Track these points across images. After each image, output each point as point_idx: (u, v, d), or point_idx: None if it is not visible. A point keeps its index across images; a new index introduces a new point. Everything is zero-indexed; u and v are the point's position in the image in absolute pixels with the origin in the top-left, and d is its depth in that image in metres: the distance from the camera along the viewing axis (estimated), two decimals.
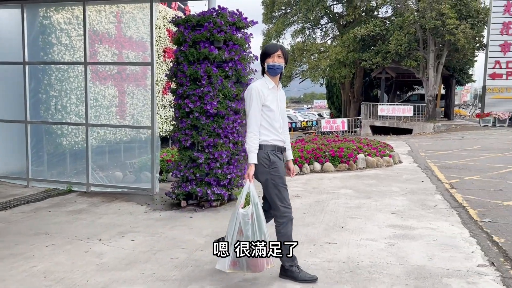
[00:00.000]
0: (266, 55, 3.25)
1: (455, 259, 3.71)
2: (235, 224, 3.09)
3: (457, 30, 18.72)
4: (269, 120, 3.25)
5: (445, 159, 9.83)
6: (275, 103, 3.28)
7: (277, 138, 3.28)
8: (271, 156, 3.22)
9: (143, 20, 7.81)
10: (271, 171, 3.21)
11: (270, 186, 3.22)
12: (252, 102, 3.20)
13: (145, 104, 8.12)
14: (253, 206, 3.06)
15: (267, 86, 3.27)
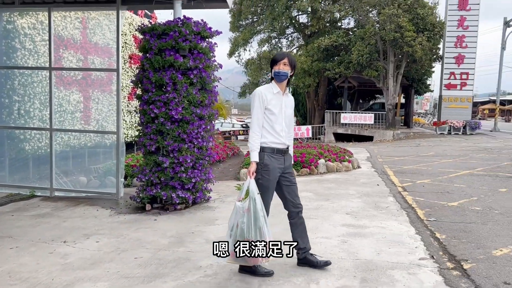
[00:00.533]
0: (274, 62, 3.50)
1: (400, 254, 4.06)
2: (235, 217, 3.33)
3: (415, 42, 19.68)
4: (270, 123, 3.47)
5: (400, 165, 10.38)
6: (278, 108, 3.49)
7: (276, 141, 3.49)
8: (266, 158, 3.45)
9: (109, 27, 7.89)
10: (263, 173, 3.45)
11: (258, 186, 3.41)
12: (254, 104, 3.45)
13: (110, 109, 8.18)
14: (251, 201, 3.27)
15: (272, 91, 3.50)
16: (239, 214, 3.29)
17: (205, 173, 6.17)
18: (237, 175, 8.69)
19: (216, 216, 5.54)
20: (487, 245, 4.27)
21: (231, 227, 3.35)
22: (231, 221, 3.37)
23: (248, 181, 3.36)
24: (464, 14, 23.60)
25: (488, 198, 6.42)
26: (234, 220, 3.35)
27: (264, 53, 26.65)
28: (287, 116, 3.58)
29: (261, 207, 3.31)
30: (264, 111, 3.45)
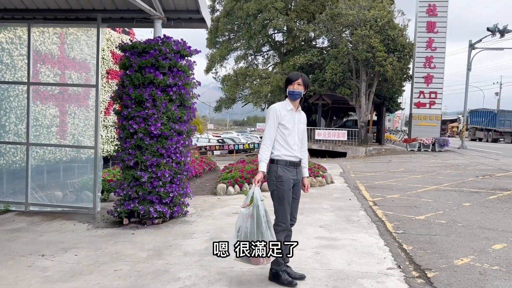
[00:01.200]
0: (289, 82, 3.78)
1: (369, 264, 4.29)
2: (240, 222, 3.56)
3: (386, 62, 20.46)
4: (284, 137, 3.71)
5: (372, 180, 10.74)
6: (291, 123, 3.74)
7: (289, 154, 3.71)
8: (279, 170, 3.67)
9: (87, 42, 7.98)
10: (277, 184, 3.68)
11: (274, 197, 3.70)
12: (269, 119, 3.72)
13: (86, 124, 8.22)
14: (254, 207, 3.50)
15: (286, 107, 3.76)
16: (244, 220, 3.52)
17: (182, 187, 6.29)
18: (214, 190, 8.81)
19: (193, 230, 5.66)
20: (449, 255, 4.55)
21: (238, 229, 3.56)
22: (237, 225, 3.59)
23: (253, 189, 3.57)
24: (432, 36, 24.68)
25: (452, 212, 6.78)
26: (239, 224, 3.57)
27: (240, 69, 27.05)
28: (300, 131, 3.84)
29: (264, 213, 3.52)
30: (277, 126, 3.70)
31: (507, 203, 7.45)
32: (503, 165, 14.24)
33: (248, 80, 26.32)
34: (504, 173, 11.97)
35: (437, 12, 24.71)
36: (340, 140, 22.81)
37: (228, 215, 6.54)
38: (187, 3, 6.21)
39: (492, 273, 4.02)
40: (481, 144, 32.30)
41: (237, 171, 9.28)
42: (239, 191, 8.76)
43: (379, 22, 21.13)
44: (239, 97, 28.13)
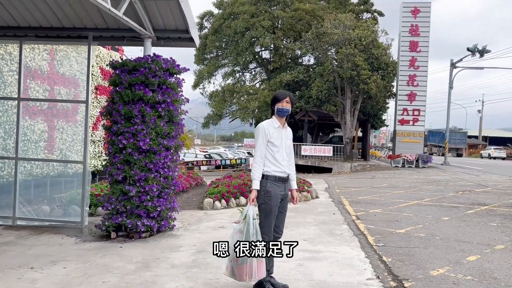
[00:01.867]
0: (277, 100, 3.95)
1: (350, 275, 4.47)
2: (233, 237, 3.75)
3: (370, 80, 20.99)
4: (273, 154, 3.88)
5: (356, 195, 10.99)
6: (279, 140, 3.92)
7: (278, 170, 3.89)
8: (268, 185, 3.83)
9: (76, 58, 8.14)
10: (265, 199, 3.84)
11: (261, 211, 3.84)
12: (258, 138, 3.89)
13: (74, 139, 8.32)
14: (245, 225, 3.69)
15: (273, 125, 3.94)
16: (237, 235, 3.71)
17: (170, 201, 6.42)
18: (200, 205, 8.94)
19: (180, 244, 5.78)
20: (426, 267, 4.76)
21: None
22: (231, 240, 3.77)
23: (247, 207, 3.76)
24: (415, 55, 25.40)
25: (431, 225, 7.02)
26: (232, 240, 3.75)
27: (227, 85, 27.40)
28: (287, 146, 4.03)
29: (254, 231, 3.68)
30: (266, 144, 3.87)
31: (483, 217, 7.73)
32: (482, 181, 14.65)
33: (235, 96, 26.65)
34: (483, 188, 12.35)
35: (420, 32, 25.50)
36: (326, 156, 23.15)
37: (215, 229, 6.68)
38: (176, 23, 6.44)
39: (465, 282, 4.23)
40: (462, 160, 33.00)
41: (223, 186, 9.43)
42: (225, 205, 8.90)
43: (363, 41, 21.73)
44: (226, 113, 28.39)
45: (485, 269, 4.67)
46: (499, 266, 4.79)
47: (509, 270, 4.64)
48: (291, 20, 25.34)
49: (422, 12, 25.65)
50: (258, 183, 3.83)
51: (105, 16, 6.45)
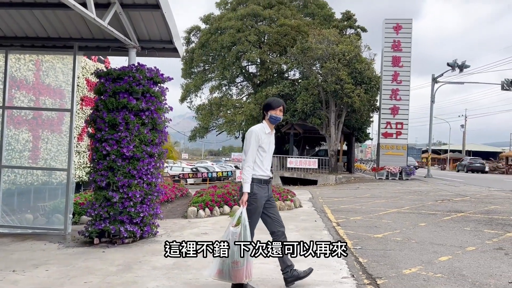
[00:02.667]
0: (270, 107, 4.08)
1: (326, 274, 4.63)
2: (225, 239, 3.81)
3: (353, 94, 21.44)
4: (262, 159, 4.05)
5: (338, 204, 11.19)
6: (267, 146, 4.09)
7: (264, 174, 4.05)
8: (255, 188, 3.97)
9: (62, 69, 8.27)
10: (251, 200, 3.97)
11: (248, 211, 3.93)
12: (251, 141, 3.98)
13: (59, 149, 8.38)
14: (242, 227, 3.79)
15: (264, 131, 4.07)
16: (233, 239, 3.78)
17: (153, 208, 6.53)
18: (184, 214, 9.03)
19: (162, 248, 5.83)
20: (399, 266, 4.95)
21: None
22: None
23: (240, 210, 3.87)
24: (398, 70, 26.01)
25: (409, 230, 7.23)
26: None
27: (214, 99, 27.64)
28: (271, 152, 4.20)
29: (249, 233, 3.82)
30: (257, 148, 4.01)
31: (459, 223, 7.99)
32: (462, 191, 15.01)
33: (222, 110, 26.88)
34: (461, 198, 12.67)
35: (402, 47, 26.16)
36: (311, 168, 23.39)
37: (197, 235, 6.79)
38: (160, 33, 6.65)
39: (435, 279, 4.43)
40: (445, 173, 33.56)
41: (208, 195, 9.55)
42: (209, 214, 9.01)
43: (347, 56, 22.25)
44: (213, 126, 28.57)
45: (454, 267, 4.88)
46: (468, 265, 5.00)
47: (477, 268, 4.86)
48: (276, 35, 25.83)
49: (404, 28, 26.38)
50: (249, 186, 3.94)
51: (90, 26, 6.63)
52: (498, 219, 8.41)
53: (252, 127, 4.14)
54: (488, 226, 7.65)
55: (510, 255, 5.49)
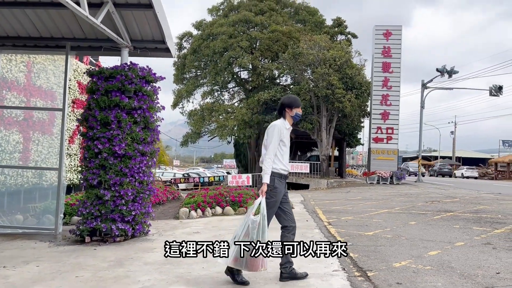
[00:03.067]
0: (294, 105, 4.28)
1: (317, 268, 4.67)
2: (244, 228, 3.93)
3: (344, 99, 21.62)
4: (282, 153, 4.19)
5: (330, 206, 11.25)
6: (288, 141, 4.26)
7: (284, 168, 4.19)
8: (276, 182, 4.10)
9: (53, 72, 8.27)
10: (271, 194, 4.08)
11: (267, 204, 4.04)
12: (274, 135, 4.12)
13: (49, 152, 8.35)
14: (261, 217, 3.91)
15: (285, 126, 4.25)
16: (252, 227, 3.90)
17: (145, 206, 6.53)
18: (176, 215, 9.02)
19: (154, 246, 5.88)
20: (390, 260, 5.01)
21: (238, 235, 3.92)
22: (240, 230, 3.96)
23: (259, 199, 4.01)
24: (388, 75, 26.29)
25: (399, 229, 7.31)
26: (243, 230, 3.93)
27: (206, 104, 27.67)
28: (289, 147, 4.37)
29: (266, 223, 3.95)
30: (279, 142, 4.15)
31: (448, 221, 8.08)
32: (452, 194, 15.18)
33: (214, 115, 26.91)
34: (451, 199, 12.81)
35: (392, 53, 26.48)
36: (303, 173, 23.48)
37: (189, 234, 6.79)
38: (153, 33, 6.70)
39: (424, 271, 4.49)
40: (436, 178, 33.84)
41: (199, 196, 9.56)
42: (201, 215, 9.01)
43: (338, 61, 22.46)
44: (205, 132, 28.57)
45: (443, 260, 4.95)
46: (457, 258, 5.08)
47: (465, 261, 4.93)
48: (268, 41, 26.01)
49: (394, 35, 26.73)
50: (269, 177, 4.06)
51: (83, 26, 6.66)
52: (487, 217, 8.53)
53: (274, 122, 4.28)
54: (476, 223, 7.76)
55: (498, 249, 5.58)
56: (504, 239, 6.29)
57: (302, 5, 30.10)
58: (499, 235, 6.64)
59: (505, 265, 4.73)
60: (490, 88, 28.28)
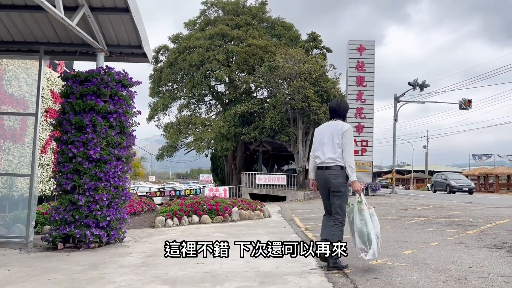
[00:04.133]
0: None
1: (295, 267, 4.67)
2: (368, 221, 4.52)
3: (320, 111, 21.93)
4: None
5: (307, 215, 11.31)
6: None
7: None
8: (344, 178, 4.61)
9: (26, 80, 8.10)
10: (346, 186, 4.65)
11: (342, 196, 4.64)
12: (351, 137, 4.64)
13: (21, 161, 8.13)
14: (356, 209, 4.64)
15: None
16: (373, 219, 4.60)
17: (120, 212, 6.41)
18: (152, 224, 8.88)
19: (130, 251, 5.77)
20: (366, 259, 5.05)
21: (372, 231, 4.47)
22: (366, 226, 4.55)
23: (362, 196, 4.68)
24: (362, 89, 26.88)
25: None
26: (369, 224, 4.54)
27: (183, 117, 27.51)
28: None
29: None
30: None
31: (422, 225, 8.25)
32: (425, 202, 15.51)
33: (190, 128, 26.78)
34: (424, 207, 13.09)
35: (365, 68, 27.14)
36: (280, 185, 23.55)
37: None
38: (129, 38, 6.68)
39: (400, 267, 4.57)
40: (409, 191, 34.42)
41: (176, 205, 9.46)
42: (177, 223, 8.90)
43: (313, 74, 22.84)
44: (181, 145, 28.35)
45: (418, 258, 5.04)
46: (431, 255, 5.18)
47: (439, 257, 5.04)
48: (245, 55, 26.23)
49: (367, 49, 27.45)
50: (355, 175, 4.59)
51: (57, 30, 6.59)
52: (459, 221, 8.75)
53: (346, 124, 4.74)
54: (449, 226, 7.94)
55: (470, 247, 5.73)
56: (475, 239, 6.47)
57: (277, 20, 30.58)
58: (471, 235, 6.81)
59: (477, 260, 4.86)
60: (460, 102, 29.26)
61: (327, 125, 4.84)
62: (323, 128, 4.85)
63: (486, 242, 6.13)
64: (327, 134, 4.68)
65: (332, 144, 4.59)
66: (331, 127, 4.73)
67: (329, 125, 4.78)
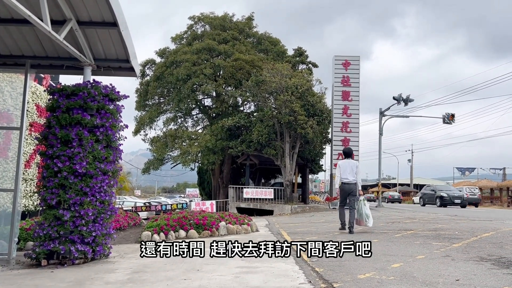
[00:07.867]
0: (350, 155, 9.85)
1: (284, 282, 4.65)
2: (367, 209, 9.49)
3: (307, 125, 22.09)
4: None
5: (294, 228, 11.29)
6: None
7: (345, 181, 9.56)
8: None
9: (10, 93, 8.00)
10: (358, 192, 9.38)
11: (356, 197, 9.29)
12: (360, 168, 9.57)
13: (3, 176, 7.97)
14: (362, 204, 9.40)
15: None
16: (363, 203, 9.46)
17: (106, 227, 6.32)
18: (138, 239, 8.76)
19: (116, 267, 5.68)
20: (354, 273, 5.07)
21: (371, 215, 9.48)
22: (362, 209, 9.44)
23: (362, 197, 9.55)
24: (347, 104, 27.30)
25: None
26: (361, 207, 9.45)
27: (170, 131, 27.44)
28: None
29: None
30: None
31: (409, 238, 8.30)
32: (411, 216, 15.62)
33: (177, 141, 26.68)
34: (410, 220, 13.18)
35: (351, 82, 27.62)
36: (267, 199, 23.52)
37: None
38: (117, 52, 6.68)
39: (388, 281, 4.58)
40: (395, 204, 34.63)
41: (162, 220, 9.35)
42: (164, 239, 8.78)
43: (300, 89, 23.06)
44: (168, 158, 28.18)
45: (406, 271, 5.07)
46: (418, 269, 5.21)
47: (426, 271, 5.07)
48: (232, 69, 26.38)
49: (352, 65, 27.96)
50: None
51: (44, 44, 6.56)
52: (445, 234, 8.83)
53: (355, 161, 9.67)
54: (436, 239, 8.01)
55: (456, 260, 5.78)
56: (461, 252, 6.53)
57: (264, 35, 30.91)
58: (457, 248, 6.88)
59: (464, 273, 4.90)
60: (443, 116, 29.74)
61: (347, 161, 9.49)
62: (345, 163, 9.47)
63: (472, 255, 6.20)
64: (349, 167, 9.39)
65: (352, 173, 9.35)
66: (350, 162, 9.48)
67: (348, 161, 9.51)
